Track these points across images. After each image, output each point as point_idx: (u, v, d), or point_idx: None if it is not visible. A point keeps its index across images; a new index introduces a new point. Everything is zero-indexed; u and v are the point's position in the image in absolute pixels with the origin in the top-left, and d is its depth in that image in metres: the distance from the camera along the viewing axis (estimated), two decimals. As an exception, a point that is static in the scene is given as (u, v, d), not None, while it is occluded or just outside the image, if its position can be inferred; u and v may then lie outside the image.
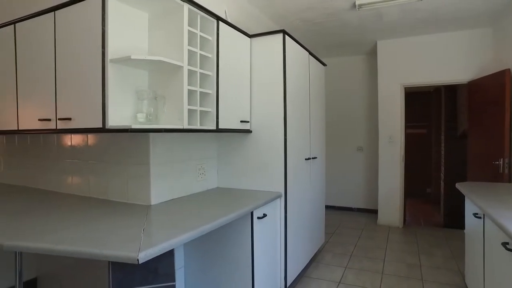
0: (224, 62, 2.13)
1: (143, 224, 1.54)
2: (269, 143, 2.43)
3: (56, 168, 2.53)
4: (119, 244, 1.27)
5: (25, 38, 2.10)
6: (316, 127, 3.16)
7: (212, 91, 2.03)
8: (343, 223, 4.64)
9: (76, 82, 1.80)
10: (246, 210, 1.90)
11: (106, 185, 2.18)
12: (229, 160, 2.58)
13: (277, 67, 2.39)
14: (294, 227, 2.58)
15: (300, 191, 2.71)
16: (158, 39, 1.91)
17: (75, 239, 1.33)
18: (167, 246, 1.28)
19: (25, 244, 1.28)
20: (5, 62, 2.22)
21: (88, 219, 1.66)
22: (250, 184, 2.51)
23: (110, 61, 1.66)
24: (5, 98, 2.24)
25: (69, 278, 2.40)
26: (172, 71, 1.82)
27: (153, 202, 1.98)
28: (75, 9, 1.81)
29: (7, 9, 2.71)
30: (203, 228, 1.49)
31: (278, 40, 2.40)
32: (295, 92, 2.59)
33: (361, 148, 5.37)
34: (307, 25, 3.93)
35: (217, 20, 2.08)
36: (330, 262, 3.23)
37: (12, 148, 2.88)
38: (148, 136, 1.96)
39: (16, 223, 1.61)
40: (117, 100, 1.71)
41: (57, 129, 1.92)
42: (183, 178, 2.24)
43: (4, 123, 2.26)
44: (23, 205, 2.05)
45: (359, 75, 5.36)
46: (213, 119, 2.03)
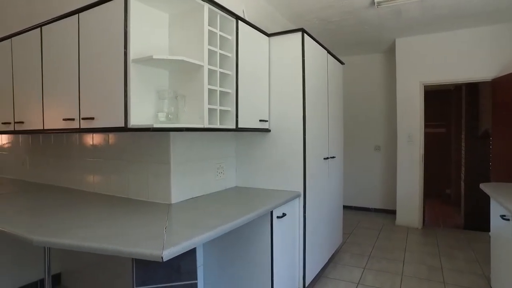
0: (243, 61, 2.13)
1: (164, 222, 1.56)
2: (288, 142, 2.42)
3: (78, 167, 2.59)
4: (143, 241, 1.29)
5: (50, 40, 2.15)
6: (334, 126, 3.13)
7: (232, 90, 2.04)
8: (360, 223, 4.58)
9: (99, 82, 1.83)
10: (266, 209, 1.89)
11: (127, 183, 2.22)
12: (247, 159, 2.58)
13: (296, 66, 2.38)
14: (313, 227, 2.56)
15: (318, 190, 2.69)
16: (178, 39, 1.93)
17: (100, 236, 1.36)
18: (190, 245, 1.29)
19: (54, 240, 1.32)
20: (32, 64, 2.28)
21: (111, 217, 1.69)
22: (268, 183, 2.50)
23: (132, 61, 1.69)
24: (31, 99, 2.31)
25: (92, 274, 2.45)
26: (192, 70, 1.83)
27: (173, 200, 2.00)
28: (98, 11, 1.84)
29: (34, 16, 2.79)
30: (224, 227, 1.50)
31: (297, 39, 2.38)
32: (313, 91, 2.57)
33: (379, 147, 5.29)
34: (323, 24, 3.89)
35: (236, 20, 2.08)
36: (348, 262, 3.19)
37: (37, 148, 2.97)
38: (169, 135, 1.98)
39: (43, 220, 1.65)
40: (138, 99, 1.73)
41: (80, 128, 1.97)
42: (202, 177, 2.26)
43: (31, 123, 2.33)
44: (48, 202, 2.10)
45: (377, 74, 5.28)
46: (232, 118, 2.03)
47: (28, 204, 2.05)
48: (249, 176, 2.58)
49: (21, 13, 3.08)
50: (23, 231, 1.43)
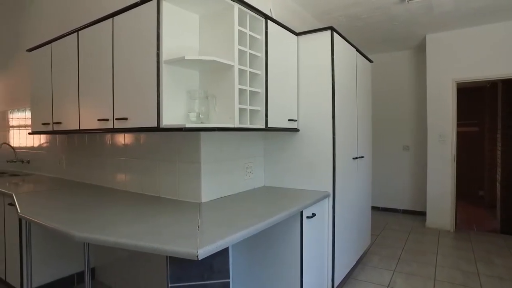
0: (272, 60, 2.12)
1: (197, 221, 1.58)
2: (317, 142, 2.39)
3: (110, 166, 2.68)
4: (177, 240, 1.31)
5: (86, 44, 2.23)
6: (363, 125, 3.07)
7: (261, 90, 2.04)
8: (388, 225, 4.47)
9: (132, 83, 1.88)
10: (296, 209, 1.88)
11: (158, 182, 2.27)
12: (275, 159, 2.57)
13: (325, 65, 2.35)
14: (342, 228, 2.52)
15: (347, 191, 2.65)
16: (208, 39, 1.95)
17: (136, 234, 1.39)
18: (224, 244, 1.30)
19: (94, 236, 1.36)
20: (70, 68, 2.38)
21: (145, 215, 1.73)
22: (297, 183, 2.48)
23: (165, 62, 1.72)
24: (69, 101, 2.41)
25: (125, 269, 2.52)
26: (223, 70, 1.84)
27: (203, 199, 2.02)
28: (131, 14, 1.89)
29: (73, 20, 2.91)
30: (256, 226, 1.50)
31: (326, 37, 2.35)
32: (342, 90, 2.52)
33: (407, 147, 5.14)
34: (351, 21, 3.82)
35: (265, 19, 2.08)
36: (377, 264, 3.11)
37: (72, 147, 3.09)
38: (199, 135, 2.01)
39: (82, 216, 1.72)
40: (170, 100, 1.77)
41: (114, 128, 2.03)
42: (231, 176, 2.27)
43: (68, 124, 2.43)
44: (84, 199, 2.18)
45: (406, 71, 5.13)
46: (262, 117, 2.03)
47: (67, 201, 2.14)
48: (277, 175, 2.57)
49: (60, 19, 3.23)
50: (65, 227, 1.50)
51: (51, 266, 2.53)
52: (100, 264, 2.73)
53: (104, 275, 2.70)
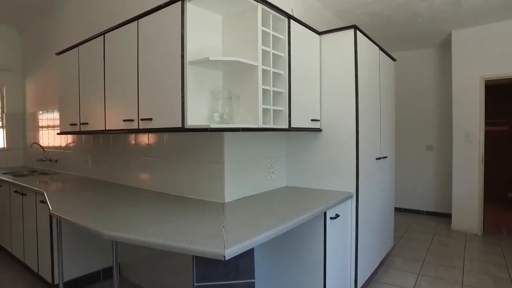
0: (295, 60, 2.11)
1: (221, 221, 1.59)
2: (340, 142, 2.36)
3: (134, 165, 2.73)
4: (204, 239, 1.32)
5: (112, 46, 2.29)
6: (386, 125, 3.01)
7: (284, 90, 2.03)
8: (411, 227, 4.36)
9: (157, 84, 1.92)
10: (320, 210, 1.86)
11: (181, 182, 2.30)
12: (298, 159, 2.56)
13: (348, 64, 2.31)
14: (365, 229, 2.48)
15: (371, 191, 2.60)
16: (231, 40, 1.96)
17: (162, 233, 1.41)
18: (250, 244, 1.30)
19: (122, 235, 1.40)
20: (96, 70, 2.45)
21: (170, 214, 1.76)
22: (319, 183, 2.46)
23: (189, 63, 1.74)
24: (95, 102, 2.48)
25: (149, 266, 2.57)
26: (246, 71, 1.85)
27: (226, 199, 2.03)
28: (156, 17, 1.93)
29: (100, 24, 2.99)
30: (281, 227, 1.49)
31: (349, 36, 2.31)
32: (366, 89, 2.48)
33: (431, 147, 5.00)
34: (372, 19, 3.74)
35: (288, 19, 2.06)
36: (400, 267, 3.04)
37: (97, 147, 3.18)
38: (223, 135, 2.02)
39: (109, 215, 1.76)
40: (194, 100, 1.78)
41: (139, 129, 2.07)
42: (254, 176, 2.28)
43: (94, 124, 2.50)
44: (109, 198, 2.24)
45: (429, 69, 4.99)
46: (285, 118, 2.02)
47: (94, 200, 2.20)
48: (300, 176, 2.56)
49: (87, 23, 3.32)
50: (94, 225, 1.54)
51: (78, 261, 2.61)
52: (125, 261, 2.80)
53: (129, 271, 2.76)
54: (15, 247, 3.12)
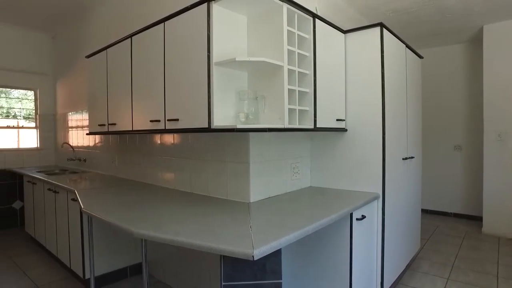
0: (320, 59, 2.09)
1: (248, 221, 1.60)
2: (366, 142, 2.32)
3: (160, 165, 2.79)
4: (232, 239, 1.33)
5: (139, 49, 2.35)
6: (413, 124, 2.93)
7: (310, 89, 2.01)
8: (439, 229, 4.23)
9: (183, 85, 1.95)
10: (346, 210, 1.83)
11: (206, 182, 2.33)
12: (322, 159, 2.53)
13: (374, 63, 2.27)
14: (391, 230, 2.42)
15: (397, 192, 2.54)
16: (256, 40, 1.96)
17: (190, 232, 1.43)
18: (278, 245, 1.30)
19: (152, 233, 1.43)
20: (123, 72, 2.52)
21: (197, 214, 1.78)
22: (344, 184, 2.43)
23: (215, 64, 1.76)
24: (123, 103, 2.55)
25: (175, 264, 2.62)
26: (272, 71, 1.84)
27: (252, 199, 2.04)
28: (182, 18, 1.96)
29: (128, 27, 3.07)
30: (309, 228, 1.48)
31: (375, 34, 2.26)
32: (392, 88, 2.42)
33: (459, 146, 4.82)
34: (399, 16, 3.65)
35: (313, 18, 2.05)
36: (428, 271, 2.95)
37: (124, 147, 3.27)
38: (248, 135, 2.03)
39: (138, 213, 1.81)
40: (220, 101, 1.80)
41: (166, 129, 2.11)
42: (278, 176, 2.27)
43: (122, 125, 2.57)
44: (137, 197, 2.30)
45: (457, 66, 4.81)
46: (310, 118, 2.01)
47: (121, 198, 2.26)
48: (324, 176, 2.53)
49: (116, 26, 3.42)
50: (123, 223, 1.58)
51: (106, 258, 2.69)
52: (151, 258, 2.86)
53: (155, 269, 2.82)
54: (49, 242, 3.26)
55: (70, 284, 2.75)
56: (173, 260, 2.63)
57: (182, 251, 2.51)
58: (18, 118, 4.69)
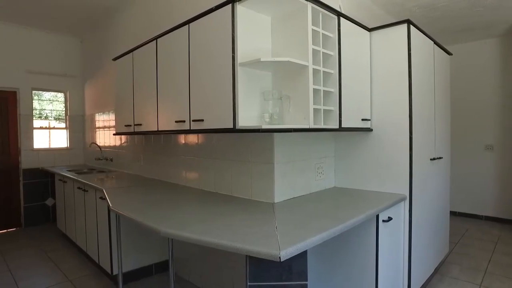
0: (345, 58, 2.05)
1: (273, 221, 1.59)
2: (392, 142, 2.27)
3: (184, 165, 2.84)
4: (257, 240, 1.33)
5: (164, 51, 2.39)
6: (441, 124, 2.83)
7: (335, 89, 1.98)
8: (468, 232, 4.06)
9: (208, 86, 1.97)
10: (373, 212, 1.80)
11: (230, 181, 2.34)
12: (347, 160, 2.50)
13: (401, 61, 2.21)
14: (418, 233, 2.35)
15: (425, 194, 2.46)
16: (280, 40, 1.95)
17: (216, 232, 1.45)
18: (304, 246, 1.29)
19: (178, 232, 1.45)
20: (149, 73, 2.57)
21: (221, 214, 1.80)
22: (370, 184, 2.38)
23: (240, 65, 1.77)
24: (148, 104, 2.60)
25: (199, 263, 2.66)
26: (296, 71, 1.83)
27: (276, 200, 2.04)
28: (206, 20, 1.98)
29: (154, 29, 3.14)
30: (335, 229, 1.46)
31: (402, 32, 2.20)
32: (420, 87, 2.35)
33: (491, 146, 4.61)
34: (426, 12, 3.54)
35: (338, 16, 2.02)
36: (458, 276, 2.85)
37: (149, 147, 3.35)
38: (272, 135, 2.03)
39: (162, 212, 1.85)
40: (245, 101, 1.81)
41: (190, 129, 2.14)
42: (303, 177, 2.26)
43: (147, 125, 2.63)
44: (162, 196, 2.34)
45: (488, 62, 4.60)
46: (335, 118, 1.98)
47: (147, 197, 2.32)
48: (349, 176, 2.49)
49: (141, 29, 3.50)
50: (150, 222, 1.62)
51: (133, 255, 2.76)
52: (176, 256, 2.91)
53: (179, 267, 2.87)
54: (79, 239, 3.39)
55: (99, 280, 2.84)
56: (197, 258, 2.67)
57: (206, 250, 2.54)
58: (49, 119, 4.90)
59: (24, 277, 2.92)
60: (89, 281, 2.83)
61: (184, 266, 2.82)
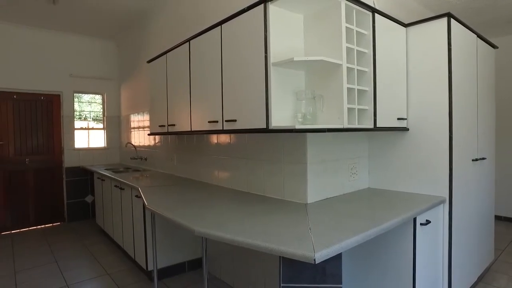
0: (380, 56, 1.99)
1: (307, 222, 1.58)
2: (431, 141, 2.17)
3: (216, 164, 2.87)
4: (291, 241, 1.31)
5: (197, 52, 2.43)
6: (484, 122, 2.66)
7: (369, 88, 1.93)
8: (515, 238, 3.81)
9: (240, 86, 1.98)
10: (410, 214, 1.73)
11: (262, 181, 2.35)
12: (381, 160, 2.42)
13: (440, 57, 2.10)
14: (459, 238, 2.23)
15: (466, 196, 2.33)
16: (313, 38, 1.93)
17: (249, 232, 1.45)
18: (339, 248, 1.26)
19: (212, 232, 1.47)
20: (182, 75, 2.63)
21: (255, 214, 1.80)
22: (405, 185, 2.29)
23: (273, 65, 1.76)
24: (181, 105, 2.67)
25: (230, 262, 2.69)
26: (330, 70, 1.80)
27: (309, 200, 2.01)
28: (239, 21, 1.99)
29: (185, 31, 3.21)
30: (372, 231, 1.42)
31: (441, 26, 2.10)
32: (461, 83, 2.23)
33: (540, 146, 4.29)
34: (468, 3, 3.34)
35: (372, 13, 1.96)
36: (505, 285, 2.67)
37: (182, 146, 3.43)
38: (305, 135, 2.00)
39: (196, 211, 1.88)
40: (277, 101, 1.80)
41: (223, 129, 2.17)
42: (335, 177, 2.22)
43: (181, 126, 2.69)
44: (195, 195, 2.39)
45: (538, 55, 4.28)
46: (370, 117, 1.92)
47: (181, 196, 2.37)
48: (383, 177, 2.41)
49: (174, 32, 3.60)
50: (185, 221, 1.65)
51: (166, 252, 2.84)
52: (208, 254, 2.96)
53: (211, 265, 2.92)
54: (116, 234, 3.54)
55: (135, 275, 2.95)
56: (229, 257, 2.70)
57: (237, 248, 2.56)
58: (88, 120, 5.16)
59: (68, 268, 3.11)
60: (126, 275, 2.95)
61: (215, 264, 2.86)
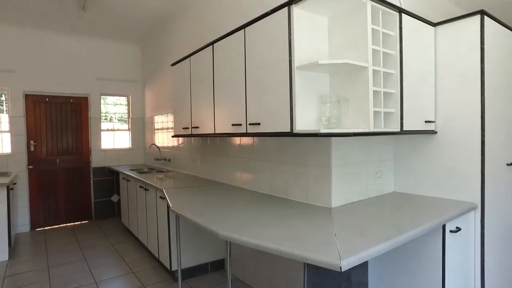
0: (407, 57, 1.93)
1: (331, 228, 1.55)
2: (460, 145, 2.09)
3: (239, 167, 2.89)
4: (316, 247, 1.30)
5: (220, 55, 2.46)
6: (519, 124, 2.54)
7: (396, 90, 1.88)
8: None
9: (264, 89, 1.98)
10: (439, 221, 1.67)
11: (286, 185, 2.34)
12: (408, 163, 2.35)
13: (472, 57, 2.02)
14: (493, 247, 2.14)
15: (500, 203, 2.23)
16: (338, 41, 1.90)
17: (274, 237, 1.44)
18: (366, 256, 1.24)
19: (236, 236, 1.48)
20: (206, 78, 2.66)
21: (278, 218, 1.80)
22: (433, 190, 2.22)
23: (297, 68, 1.75)
24: (205, 108, 2.70)
25: (253, 264, 2.69)
26: (355, 72, 1.77)
27: (333, 204, 1.99)
28: (262, 24, 1.99)
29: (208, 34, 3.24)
30: (399, 238, 1.38)
31: (474, 24, 2.01)
32: (495, 85, 2.13)
33: None
34: None
35: (399, 13, 1.90)
36: (540, 296, 2.53)
37: (205, 148, 3.47)
38: (330, 139, 1.98)
39: (220, 214, 1.90)
40: (302, 104, 1.79)
41: (247, 133, 2.17)
42: (360, 181, 2.18)
43: (204, 128, 2.73)
44: (218, 197, 2.41)
45: None
46: (397, 120, 1.88)
47: (204, 198, 2.40)
48: (410, 181, 2.34)
49: (197, 35, 3.64)
50: (209, 224, 1.67)
51: (190, 253, 2.88)
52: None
53: (234, 266, 2.93)
54: (141, 234, 3.63)
55: (160, 274, 3.02)
56: (252, 259, 2.70)
57: (262, 252, 2.56)
58: (113, 121, 5.31)
59: (96, 265, 3.22)
60: (150, 274, 3.01)
61: (238, 265, 2.88)
